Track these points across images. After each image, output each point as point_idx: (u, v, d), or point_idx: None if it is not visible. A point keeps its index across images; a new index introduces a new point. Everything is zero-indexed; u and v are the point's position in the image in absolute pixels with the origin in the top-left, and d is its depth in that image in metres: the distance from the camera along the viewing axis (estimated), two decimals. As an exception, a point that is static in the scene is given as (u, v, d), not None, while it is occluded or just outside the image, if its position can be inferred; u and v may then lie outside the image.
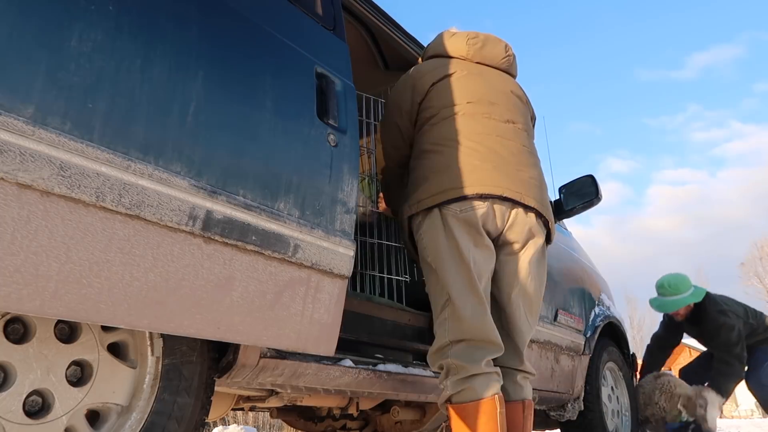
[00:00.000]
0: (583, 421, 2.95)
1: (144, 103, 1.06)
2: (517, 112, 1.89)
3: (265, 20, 1.39)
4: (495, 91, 1.88)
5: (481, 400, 1.55)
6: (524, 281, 1.78)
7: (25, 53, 0.91)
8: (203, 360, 1.31)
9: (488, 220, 1.71)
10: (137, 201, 1.02)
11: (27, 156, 0.89)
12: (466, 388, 1.57)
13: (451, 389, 1.59)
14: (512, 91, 1.93)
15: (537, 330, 2.48)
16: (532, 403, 1.79)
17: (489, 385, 1.58)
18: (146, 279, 1.04)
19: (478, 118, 1.80)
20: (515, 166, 1.77)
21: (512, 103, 1.89)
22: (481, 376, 1.58)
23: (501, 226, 1.74)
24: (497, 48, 1.98)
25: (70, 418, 1.09)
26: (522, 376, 1.78)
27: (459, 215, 1.68)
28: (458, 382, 1.58)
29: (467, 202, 1.69)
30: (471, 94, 1.84)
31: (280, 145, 1.31)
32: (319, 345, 1.37)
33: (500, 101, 1.86)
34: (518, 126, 1.86)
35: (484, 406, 1.55)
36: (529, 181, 1.77)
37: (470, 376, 1.58)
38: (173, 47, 1.14)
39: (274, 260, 1.26)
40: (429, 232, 1.73)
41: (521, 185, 1.75)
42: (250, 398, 1.91)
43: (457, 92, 1.84)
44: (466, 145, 1.76)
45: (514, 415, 1.71)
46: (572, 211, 3.05)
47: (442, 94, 1.85)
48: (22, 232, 0.89)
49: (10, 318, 1.04)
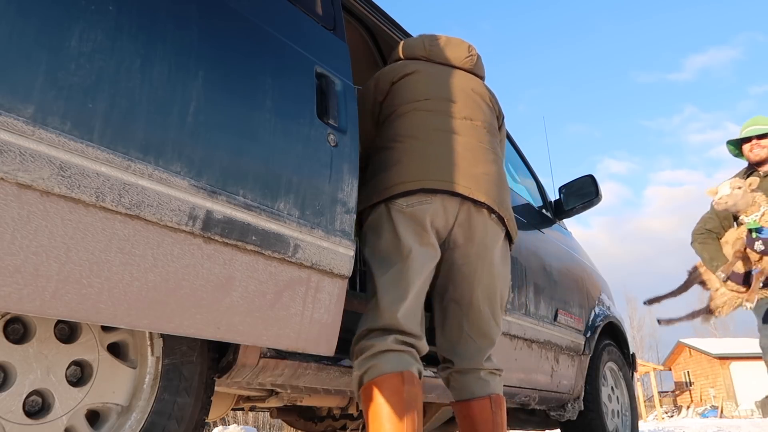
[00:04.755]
0: (583, 421, 2.95)
1: (144, 103, 1.06)
2: (476, 110, 1.86)
3: (265, 20, 1.39)
4: (454, 89, 1.85)
5: (385, 375, 1.45)
6: (486, 282, 1.71)
7: (25, 53, 0.91)
8: (203, 360, 1.31)
9: (436, 216, 1.64)
10: (137, 201, 1.02)
11: (27, 156, 0.89)
12: (372, 365, 1.48)
13: (358, 369, 1.51)
14: (473, 89, 1.90)
15: (537, 330, 2.48)
16: (502, 398, 1.71)
17: (398, 362, 1.48)
18: (146, 279, 1.04)
19: (432, 115, 1.77)
20: (469, 161, 1.72)
21: (471, 101, 1.86)
22: (390, 353, 1.50)
23: (450, 222, 1.67)
24: (459, 49, 1.97)
25: (70, 418, 1.09)
26: (486, 372, 1.71)
27: (405, 210, 1.62)
28: (364, 360, 1.50)
29: (414, 196, 1.63)
30: (428, 91, 1.82)
31: (280, 145, 1.31)
32: (319, 345, 1.37)
33: (459, 99, 1.84)
34: (476, 123, 1.82)
35: (388, 382, 1.45)
36: (482, 176, 1.71)
37: (377, 353, 1.49)
38: (173, 47, 1.14)
39: (274, 260, 1.26)
40: (372, 227, 1.67)
41: (472, 181, 1.68)
42: (250, 398, 1.91)
43: (414, 90, 1.82)
44: (418, 140, 1.72)
45: (481, 412, 1.66)
46: (572, 211, 3.06)
47: (400, 93, 1.83)
48: (22, 232, 0.89)
49: (10, 318, 1.04)
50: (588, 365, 2.97)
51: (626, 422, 3.32)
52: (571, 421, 2.94)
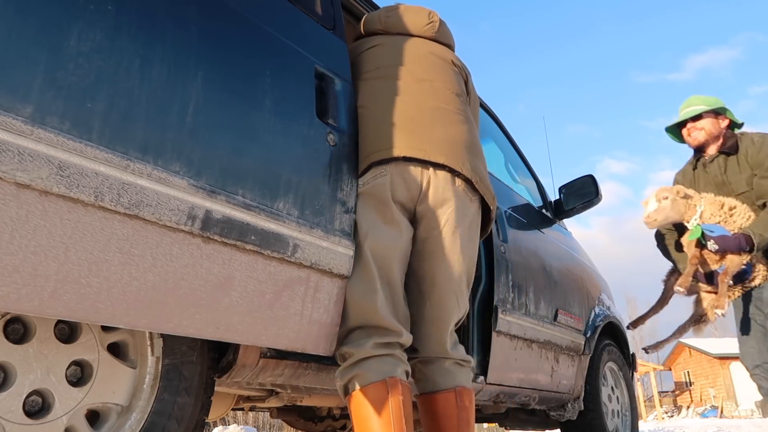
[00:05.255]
0: (583, 421, 2.95)
1: (143, 102, 1.06)
2: (437, 71, 1.72)
3: (265, 20, 1.39)
4: (409, 54, 1.73)
5: (368, 386, 1.37)
6: (450, 259, 1.55)
7: (24, 53, 0.91)
8: (203, 360, 1.31)
9: (397, 188, 1.50)
10: (136, 200, 1.02)
11: (26, 155, 0.89)
12: (354, 375, 1.40)
13: (340, 378, 1.43)
14: (432, 52, 1.77)
15: (537, 330, 2.48)
16: (469, 390, 1.56)
17: (379, 369, 1.39)
18: (145, 279, 1.04)
19: (382, 81, 1.65)
20: (426, 123, 1.57)
21: (429, 63, 1.73)
22: (371, 359, 1.40)
23: (415, 193, 1.52)
24: (419, 17, 1.84)
25: (70, 418, 1.09)
26: (452, 363, 1.56)
27: (363, 189, 1.51)
28: (345, 369, 1.41)
29: (368, 173, 1.51)
30: (378, 61, 1.71)
31: (279, 144, 1.31)
32: (319, 345, 1.37)
33: (415, 63, 1.71)
34: (436, 84, 1.68)
35: (372, 392, 1.37)
36: (443, 138, 1.56)
37: (357, 361, 1.40)
38: (173, 47, 1.14)
39: (274, 260, 1.26)
40: None
41: (429, 143, 1.53)
42: (250, 398, 1.91)
43: (366, 63, 1.72)
44: (366, 109, 1.60)
45: (444, 406, 1.51)
46: (572, 211, 3.05)
47: (354, 70, 1.71)
48: (21, 232, 0.89)
49: (10, 318, 1.04)
50: (588, 365, 2.97)
51: (626, 422, 3.32)
52: (571, 421, 2.94)
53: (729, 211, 2.48)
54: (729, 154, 2.60)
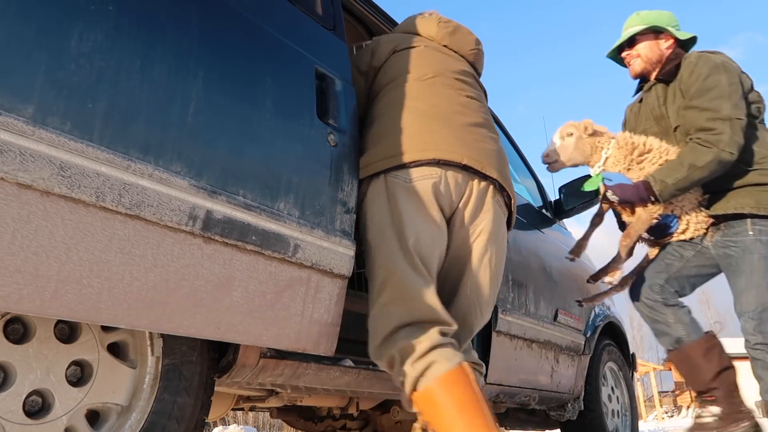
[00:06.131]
0: (583, 421, 2.95)
1: (144, 103, 1.06)
2: (478, 92, 1.77)
3: (265, 20, 1.39)
4: (456, 71, 1.76)
5: (449, 372, 1.34)
6: (479, 268, 1.56)
7: (25, 53, 0.91)
8: (203, 360, 1.31)
9: (443, 192, 1.50)
10: (137, 201, 1.02)
11: (27, 156, 0.89)
12: (431, 363, 1.35)
13: (415, 371, 1.36)
14: (473, 76, 1.82)
15: (537, 330, 2.48)
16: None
17: (453, 355, 1.37)
18: (146, 279, 1.04)
19: (437, 87, 1.66)
20: (475, 136, 1.59)
21: (470, 84, 1.77)
22: (439, 348, 1.37)
23: (456, 200, 1.53)
24: (468, 38, 1.89)
25: (70, 418, 1.09)
26: None
27: (408, 184, 1.47)
28: (418, 362, 1.36)
29: (419, 169, 1.48)
30: (431, 65, 1.72)
31: (280, 145, 1.31)
32: (319, 345, 1.37)
33: (460, 78, 1.74)
34: (479, 104, 1.72)
35: (455, 377, 1.34)
36: (489, 151, 1.58)
37: (427, 351, 1.36)
38: (173, 47, 1.14)
39: (274, 260, 1.26)
40: (372, 202, 1.51)
41: (482, 154, 1.55)
42: (250, 398, 1.91)
43: (416, 62, 1.72)
44: (421, 110, 1.59)
45: None
46: (572, 211, 3.05)
47: (400, 62, 1.72)
48: (22, 232, 0.89)
49: (10, 318, 1.04)
50: (588, 365, 2.97)
51: (626, 422, 3.32)
52: (571, 421, 2.94)
53: (638, 156, 2.10)
54: (668, 82, 2.18)
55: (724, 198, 2.03)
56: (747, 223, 1.99)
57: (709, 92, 1.98)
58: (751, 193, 1.98)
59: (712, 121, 1.94)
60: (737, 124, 1.93)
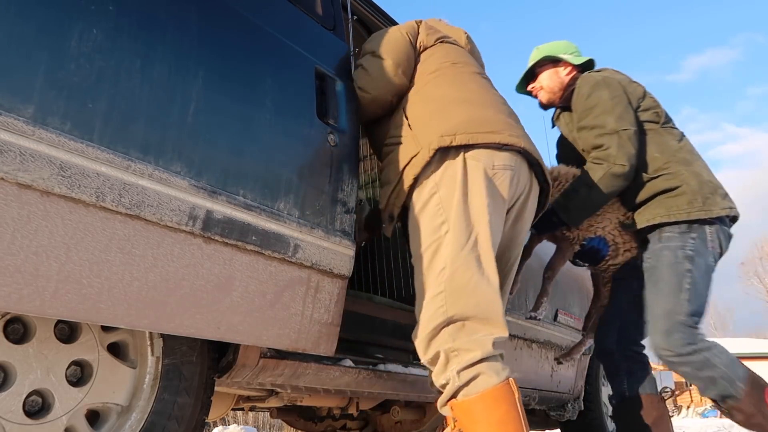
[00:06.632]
0: (583, 421, 2.95)
1: (144, 103, 1.06)
2: None
3: (265, 20, 1.39)
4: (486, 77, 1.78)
5: (497, 387, 1.29)
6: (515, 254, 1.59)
7: (25, 53, 0.91)
8: (203, 360, 1.31)
9: (515, 185, 1.47)
10: (137, 201, 1.02)
11: (27, 156, 0.89)
12: (479, 375, 1.30)
13: (460, 380, 1.31)
14: None
15: (537, 330, 2.48)
16: None
17: (500, 369, 1.33)
18: (146, 279, 1.04)
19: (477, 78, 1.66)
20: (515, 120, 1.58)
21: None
22: (489, 360, 1.32)
23: (518, 193, 1.51)
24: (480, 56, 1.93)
25: (70, 418, 1.09)
26: None
27: (491, 171, 1.42)
28: (465, 371, 1.31)
29: (504, 155, 1.44)
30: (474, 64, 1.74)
31: (280, 145, 1.31)
32: (319, 345, 1.37)
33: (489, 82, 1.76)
34: None
35: (501, 392, 1.29)
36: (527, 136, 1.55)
37: (480, 360, 1.31)
38: (173, 47, 1.14)
39: (274, 260, 1.26)
40: (440, 183, 1.42)
41: (526, 141, 1.51)
42: (250, 398, 1.91)
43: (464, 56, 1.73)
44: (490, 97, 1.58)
45: None
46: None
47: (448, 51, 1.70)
48: (23, 232, 0.89)
49: (10, 318, 1.04)
50: (588, 365, 2.97)
51: (626, 422, 3.31)
52: (571, 421, 2.94)
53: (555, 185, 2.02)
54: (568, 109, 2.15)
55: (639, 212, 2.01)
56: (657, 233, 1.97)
57: (593, 110, 1.99)
58: (662, 201, 1.96)
59: (600, 137, 1.95)
60: (624, 135, 1.92)
